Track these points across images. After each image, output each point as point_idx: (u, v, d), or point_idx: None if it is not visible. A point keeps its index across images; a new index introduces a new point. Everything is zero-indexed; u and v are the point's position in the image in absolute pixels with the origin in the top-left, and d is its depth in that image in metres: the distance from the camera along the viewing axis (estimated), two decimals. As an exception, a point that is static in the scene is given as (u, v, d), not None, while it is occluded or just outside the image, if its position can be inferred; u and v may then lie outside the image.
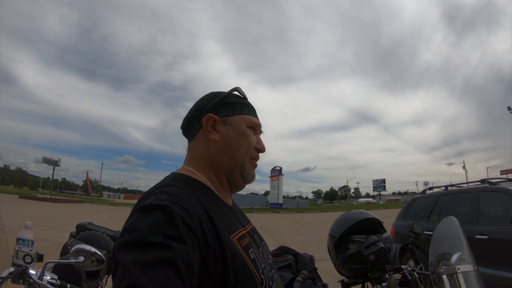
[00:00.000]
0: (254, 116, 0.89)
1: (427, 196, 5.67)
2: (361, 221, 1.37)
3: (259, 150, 0.88)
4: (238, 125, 0.84)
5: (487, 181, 4.67)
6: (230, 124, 0.84)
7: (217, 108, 0.84)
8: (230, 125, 0.84)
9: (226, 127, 0.83)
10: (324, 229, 1.44)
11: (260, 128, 0.90)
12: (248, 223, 0.88)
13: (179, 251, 0.53)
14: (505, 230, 3.79)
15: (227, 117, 0.84)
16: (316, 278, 1.33)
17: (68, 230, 2.49)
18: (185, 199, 0.64)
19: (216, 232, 0.65)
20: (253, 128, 0.87)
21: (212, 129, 0.82)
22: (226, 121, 0.83)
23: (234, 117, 0.84)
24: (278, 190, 40.03)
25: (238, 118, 0.85)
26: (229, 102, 0.85)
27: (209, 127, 0.82)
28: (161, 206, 0.59)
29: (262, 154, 0.89)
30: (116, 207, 27.44)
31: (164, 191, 0.65)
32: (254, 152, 0.86)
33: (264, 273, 0.72)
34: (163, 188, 0.67)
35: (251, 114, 0.88)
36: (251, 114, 0.88)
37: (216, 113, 0.83)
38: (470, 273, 1.15)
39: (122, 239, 0.56)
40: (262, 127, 0.91)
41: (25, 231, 1.46)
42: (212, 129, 0.82)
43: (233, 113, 0.85)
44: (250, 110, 0.88)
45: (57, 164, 37.09)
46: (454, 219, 1.36)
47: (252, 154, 0.86)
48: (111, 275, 0.55)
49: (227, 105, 0.85)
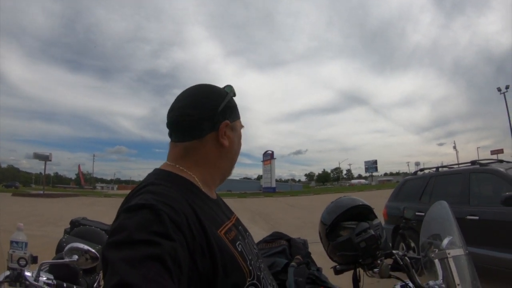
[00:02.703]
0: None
1: (418, 178, 5.74)
2: (352, 207, 1.37)
3: None
4: (239, 131, 0.88)
5: (477, 163, 4.74)
6: (235, 130, 0.86)
7: (227, 112, 0.82)
8: (235, 131, 0.86)
9: (232, 133, 0.84)
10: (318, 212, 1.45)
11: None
12: (232, 214, 0.88)
13: (167, 247, 0.54)
14: (496, 211, 3.87)
15: (233, 122, 0.85)
16: (310, 262, 1.35)
17: (63, 225, 2.48)
18: (171, 197, 0.64)
19: (202, 228, 0.65)
20: None
21: (225, 135, 0.81)
22: (233, 127, 0.84)
23: (236, 123, 0.87)
24: (271, 174, 40.25)
25: (238, 123, 0.88)
26: (233, 105, 0.86)
27: (224, 134, 0.81)
28: (147, 205, 0.60)
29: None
30: (110, 199, 27.46)
31: (149, 190, 0.66)
32: None
33: (252, 264, 0.74)
34: (148, 187, 0.67)
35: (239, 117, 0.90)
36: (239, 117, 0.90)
37: (228, 118, 0.82)
38: (460, 257, 1.17)
39: (111, 239, 0.57)
40: None
41: (18, 233, 1.45)
42: (225, 135, 0.81)
43: (236, 118, 0.86)
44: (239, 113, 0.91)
45: (48, 159, 36.79)
46: (444, 203, 1.37)
47: None
48: (102, 276, 0.55)
49: (233, 109, 0.85)
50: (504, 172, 4.08)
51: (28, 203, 20.38)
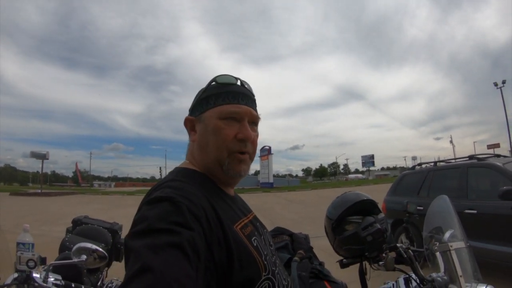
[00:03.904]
0: (234, 103, 0.80)
1: (416, 172, 5.77)
2: (357, 202, 1.40)
3: (241, 139, 0.79)
4: (208, 121, 0.80)
5: (475, 157, 4.77)
6: (202, 121, 0.82)
7: (196, 107, 0.85)
8: (202, 123, 0.82)
9: (200, 125, 0.83)
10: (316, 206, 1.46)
11: (242, 115, 0.80)
12: (250, 212, 0.91)
13: (186, 236, 0.57)
14: (493, 205, 3.91)
15: (201, 114, 0.82)
16: (312, 257, 1.36)
17: (62, 224, 2.48)
18: (189, 192, 0.67)
19: (220, 221, 0.68)
20: (232, 118, 0.79)
21: (191, 130, 0.85)
22: (200, 119, 0.83)
23: (205, 113, 0.81)
24: (268, 169, 40.07)
25: (209, 113, 0.81)
26: (206, 96, 0.82)
27: (189, 129, 0.85)
28: (167, 198, 0.63)
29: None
30: (108, 196, 27.35)
31: (168, 185, 0.69)
32: (234, 144, 0.79)
33: (267, 259, 0.76)
34: (167, 183, 0.70)
35: (229, 102, 0.80)
36: (229, 102, 0.80)
37: (194, 112, 0.85)
38: (462, 250, 1.20)
39: (133, 229, 0.59)
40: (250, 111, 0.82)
41: (24, 234, 1.44)
42: (192, 130, 0.85)
43: (206, 109, 0.81)
44: (229, 98, 0.80)
45: (45, 158, 36.43)
46: (445, 198, 1.39)
47: (231, 147, 0.79)
48: (124, 265, 0.57)
49: (203, 101, 0.83)
50: (501, 166, 4.12)
51: (26, 202, 20.24)
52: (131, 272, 0.51)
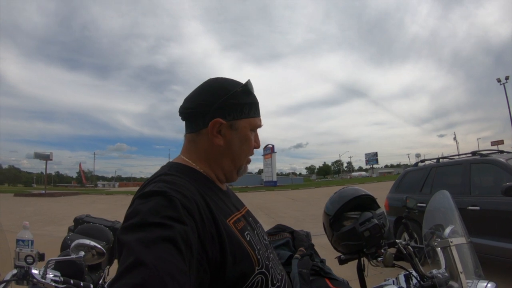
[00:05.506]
0: (258, 115, 0.87)
1: (419, 169, 5.72)
2: (355, 198, 1.39)
3: (254, 147, 0.88)
4: (243, 131, 0.82)
5: (478, 153, 4.73)
6: (235, 129, 0.81)
7: (225, 109, 0.79)
8: (236, 131, 0.81)
9: (232, 132, 0.81)
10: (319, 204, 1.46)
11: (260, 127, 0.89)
12: (243, 206, 0.91)
13: (179, 230, 0.57)
14: (497, 201, 3.87)
15: (234, 121, 0.80)
16: (313, 254, 1.35)
17: (66, 224, 2.49)
18: (182, 186, 0.68)
19: (212, 216, 0.69)
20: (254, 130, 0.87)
21: (217, 133, 0.80)
22: (233, 126, 0.81)
23: (240, 122, 0.82)
24: (272, 168, 40.13)
25: (244, 123, 0.82)
26: (238, 103, 0.81)
27: (215, 132, 0.79)
28: (160, 192, 0.63)
29: None
30: (111, 196, 27.56)
31: (162, 179, 0.69)
32: (252, 152, 0.88)
33: (260, 253, 0.77)
34: (161, 177, 0.71)
35: (257, 115, 0.86)
36: (257, 115, 0.86)
37: (224, 116, 0.79)
38: (463, 246, 1.19)
39: (125, 223, 0.59)
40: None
41: (23, 231, 1.45)
42: (217, 133, 0.80)
43: (240, 117, 0.81)
44: (256, 110, 0.86)
45: (49, 158, 36.68)
46: (446, 193, 1.38)
47: (250, 155, 0.88)
48: (117, 259, 0.57)
49: (236, 106, 0.80)
50: (504, 162, 4.07)
51: (30, 203, 20.44)
52: (123, 266, 0.51)
